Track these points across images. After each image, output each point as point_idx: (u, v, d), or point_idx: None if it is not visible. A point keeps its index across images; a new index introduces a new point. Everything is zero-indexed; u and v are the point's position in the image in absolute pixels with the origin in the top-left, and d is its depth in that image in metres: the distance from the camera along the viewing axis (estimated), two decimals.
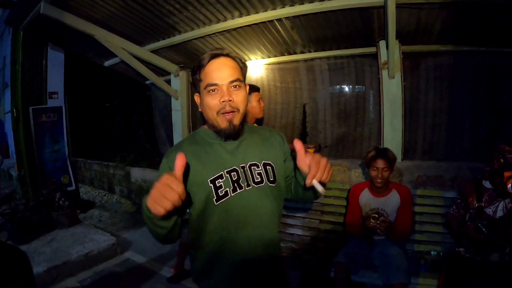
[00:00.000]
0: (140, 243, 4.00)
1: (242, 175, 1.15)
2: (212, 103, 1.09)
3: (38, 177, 4.92)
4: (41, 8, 3.24)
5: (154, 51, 4.10)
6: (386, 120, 3.26)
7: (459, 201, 2.55)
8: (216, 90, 1.08)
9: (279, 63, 3.99)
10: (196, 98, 1.18)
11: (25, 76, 4.82)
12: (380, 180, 2.57)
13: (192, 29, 3.62)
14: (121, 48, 3.91)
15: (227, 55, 1.13)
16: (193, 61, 4.23)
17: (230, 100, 1.08)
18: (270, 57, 3.98)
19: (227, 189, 1.12)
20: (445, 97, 3.45)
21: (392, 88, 3.23)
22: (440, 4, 2.84)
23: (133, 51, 4.01)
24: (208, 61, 1.10)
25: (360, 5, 2.95)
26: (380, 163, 2.55)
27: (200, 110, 1.17)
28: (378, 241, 2.67)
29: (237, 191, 1.13)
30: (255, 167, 1.19)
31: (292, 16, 3.18)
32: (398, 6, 2.84)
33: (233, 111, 1.10)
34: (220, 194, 1.11)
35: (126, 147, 4.99)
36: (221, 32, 3.51)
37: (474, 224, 2.29)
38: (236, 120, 1.12)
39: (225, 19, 3.41)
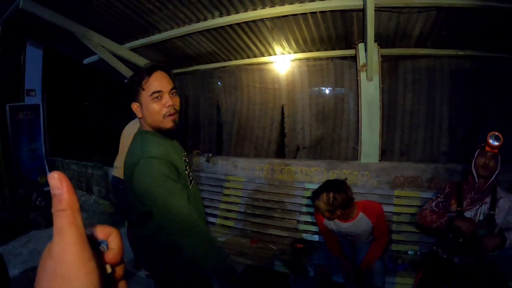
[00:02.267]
0: None
1: (187, 166, 1.42)
2: (158, 108, 1.27)
3: (15, 176, 4.78)
4: (20, 3, 3.18)
5: (134, 49, 4.04)
6: (364, 121, 3.29)
7: (439, 200, 2.56)
8: (160, 97, 1.27)
9: (258, 63, 3.99)
10: (136, 107, 1.32)
11: (2, 73, 4.70)
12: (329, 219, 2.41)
13: (172, 28, 3.58)
14: (100, 46, 3.85)
15: (163, 68, 1.33)
16: (173, 60, 4.19)
17: (173, 104, 1.28)
18: (249, 58, 3.97)
19: (188, 177, 1.39)
20: (423, 99, 3.51)
21: (370, 90, 3.26)
22: (419, 9, 2.89)
23: (112, 49, 3.94)
24: (152, 73, 1.28)
25: (339, 8, 2.98)
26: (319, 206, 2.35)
27: (140, 116, 1.33)
28: (356, 245, 2.63)
29: (190, 179, 1.42)
30: (187, 159, 1.47)
31: (272, 17, 3.18)
32: (377, 10, 2.88)
33: (175, 113, 1.30)
34: (188, 181, 1.39)
35: (105, 146, 4.91)
36: (201, 32, 3.49)
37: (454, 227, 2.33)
38: (177, 120, 1.33)
39: (206, 19, 3.39)
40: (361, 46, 3.33)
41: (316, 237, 3.20)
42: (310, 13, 3.07)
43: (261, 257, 2.95)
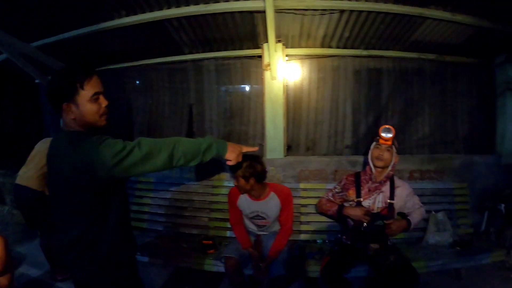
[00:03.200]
0: (34, 256, 3.68)
1: None
2: (96, 108, 1.30)
3: None
4: None
5: (41, 48, 3.89)
6: (268, 118, 3.40)
7: (336, 190, 2.70)
8: (99, 98, 1.32)
9: (167, 63, 3.99)
10: (71, 107, 1.26)
11: None
12: (243, 190, 2.51)
13: (80, 27, 3.51)
14: (7, 45, 3.67)
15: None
16: (83, 58, 4.06)
17: (108, 104, 1.36)
18: (158, 57, 3.97)
19: None
20: (327, 96, 3.69)
21: (274, 88, 3.37)
22: (321, 11, 3.05)
23: (19, 48, 3.77)
24: (93, 74, 1.30)
25: (241, 9, 3.06)
26: (239, 174, 2.44)
27: (72, 117, 1.27)
28: (263, 236, 2.73)
29: None
30: None
31: (178, 17, 3.20)
32: (279, 11, 3.00)
33: (107, 112, 1.38)
34: None
35: (17, 152, 4.60)
36: (108, 31, 3.45)
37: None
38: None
39: (112, 18, 3.35)
40: (266, 46, 3.42)
41: (227, 233, 3.25)
42: (218, 13, 3.12)
43: (173, 256, 2.94)
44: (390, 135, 2.41)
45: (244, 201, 2.64)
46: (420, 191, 3.33)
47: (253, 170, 2.41)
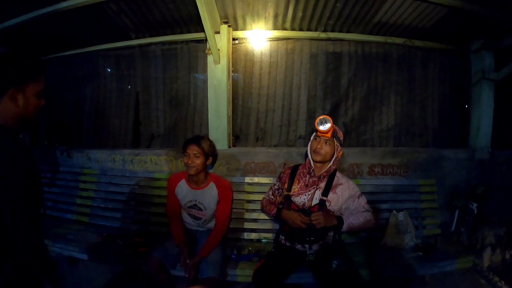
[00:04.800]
0: None
1: None
2: (37, 103, 1.23)
3: None
4: None
5: None
6: (211, 106, 3.10)
7: (275, 187, 2.41)
8: (41, 96, 1.24)
9: (114, 49, 3.70)
10: (17, 95, 1.15)
11: None
12: (192, 167, 2.30)
13: (18, 15, 3.19)
14: None
15: None
16: (30, 46, 3.78)
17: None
18: (105, 44, 3.68)
19: None
20: (280, 82, 3.38)
21: (217, 73, 3.07)
22: None
23: None
24: (42, 71, 1.24)
25: None
26: (191, 149, 2.31)
27: (13, 108, 1.15)
28: (198, 233, 2.54)
29: None
30: None
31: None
32: None
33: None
34: None
35: None
36: (45, 16, 3.12)
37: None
38: None
39: (50, 4, 3.02)
40: (206, 27, 3.07)
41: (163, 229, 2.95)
42: None
43: (108, 254, 2.68)
44: (327, 127, 2.08)
45: (183, 188, 2.46)
46: (382, 188, 3.07)
47: (214, 149, 2.41)
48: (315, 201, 2.17)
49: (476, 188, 3.19)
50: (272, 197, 2.41)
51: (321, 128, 2.09)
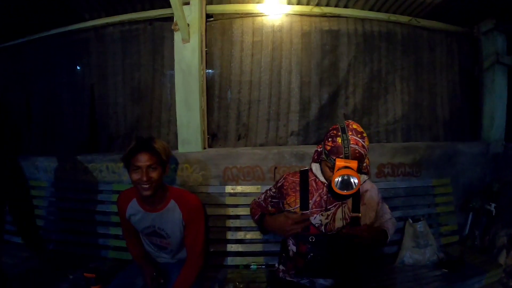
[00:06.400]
0: None
1: None
2: None
3: None
4: None
5: None
6: (179, 97, 2.44)
7: (271, 193, 1.74)
8: None
9: (66, 34, 2.99)
10: None
11: None
12: (147, 186, 1.59)
13: None
14: None
15: None
16: None
17: None
18: (54, 29, 2.98)
19: None
20: (265, 67, 2.81)
21: (186, 54, 2.42)
22: None
23: None
24: None
25: None
26: (142, 159, 1.58)
27: None
28: (169, 266, 1.90)
29: None
30: None
31: None
32: None
33: None
34: None
35: None
36: None
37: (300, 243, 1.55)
38: None
39: None
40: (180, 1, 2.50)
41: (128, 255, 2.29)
42: None
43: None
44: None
45: (136, 211, 1.76)
46: (393, 192, 2.58)
47: (169, 151, 1.76)
48: (340, 222, 1.50)
49: (492, 185, 2.82)
50: (263, 202, 1.77)
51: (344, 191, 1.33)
